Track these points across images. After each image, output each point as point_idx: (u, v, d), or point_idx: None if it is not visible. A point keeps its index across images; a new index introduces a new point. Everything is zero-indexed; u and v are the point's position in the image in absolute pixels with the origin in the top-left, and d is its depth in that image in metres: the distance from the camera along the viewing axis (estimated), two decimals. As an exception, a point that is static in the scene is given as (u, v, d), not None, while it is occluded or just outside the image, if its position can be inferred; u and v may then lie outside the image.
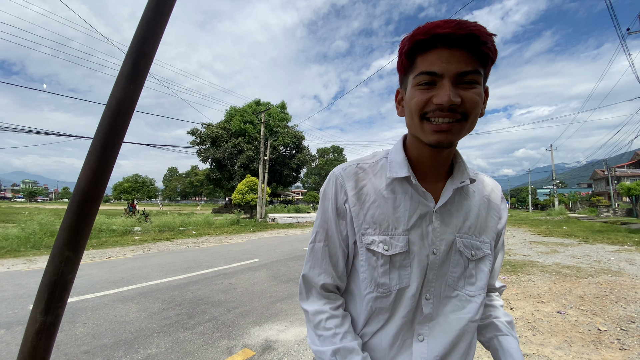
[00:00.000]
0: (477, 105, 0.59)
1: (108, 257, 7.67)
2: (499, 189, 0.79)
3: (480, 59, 0.58)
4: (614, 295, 4.50)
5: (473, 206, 0.73)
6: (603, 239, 10.99)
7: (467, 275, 0.71)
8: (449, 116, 0.58)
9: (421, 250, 0.68)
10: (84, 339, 3.11)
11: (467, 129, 0.61)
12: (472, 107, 0.58)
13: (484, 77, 0.61)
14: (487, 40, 0.56)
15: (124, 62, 0.63)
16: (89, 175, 0.60)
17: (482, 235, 0.72)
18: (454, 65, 0.57)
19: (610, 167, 45.41)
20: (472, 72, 0.57)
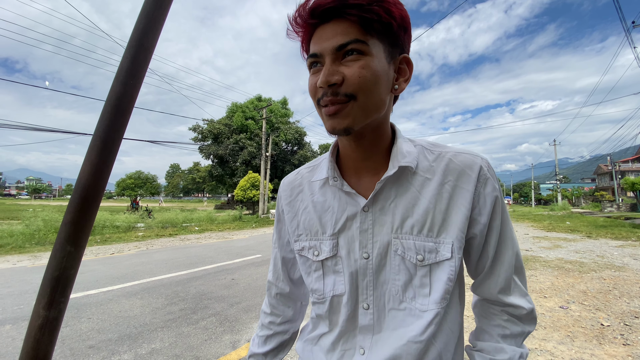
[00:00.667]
0: (365, 79, 0.50)
1: (112, 253, 7.73)
2: (475, 168, 0.58)
3: (365, 26, 0.50)
4: (618, 290, 4.48)
5: (423, 198, 0.58)
6: (607, 234, 10.95)
7: (417, 285, 0.58)
8: (333, 100, 0.51)
9: (349, 255, 0.62)
10: (89, 333, 3.15)
11: (362, 109, 0.52)
12: (357, 82, 0.50)
13: (390, 47, 0.53)
14: (365, 2, 0.48)
15: (124, 57, 0.63)
16: (90, 171, 0.60)
17: (441, 235, 0.57)
18: (329, 41, 0.51)
19: (614, 162, 45.12)
20: (351, 42, 0.49)
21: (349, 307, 0.62)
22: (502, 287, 0.61)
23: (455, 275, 0.57)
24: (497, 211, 0.60)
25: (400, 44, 0.55)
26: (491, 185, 0.58)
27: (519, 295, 0.61)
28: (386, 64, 0.53)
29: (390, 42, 0.53)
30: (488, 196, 0.58)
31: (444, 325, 0.59)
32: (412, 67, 0.57)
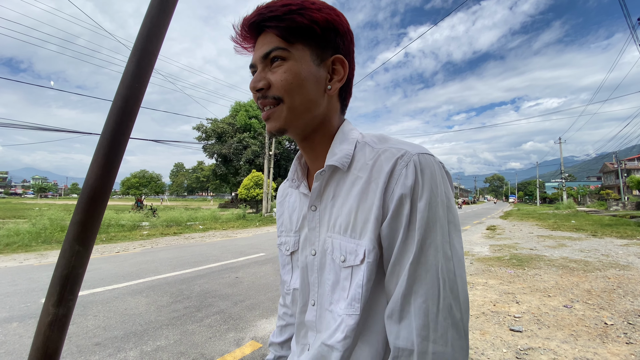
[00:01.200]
0: (288, 83, 0.54)
1: (117, 252, 7.80)
2: (390, 162, 0.52)
3: (285, 34, 0.53)
4: (622, 289, 4.46)
5: (351, 197, 0.56)
6: (612, 233, 10.86)
7: (341, 287, 0.57)
8: (264, 103, 0.57)
9: (303, 251, 0.65)
10: (95, 331, 3.19)
11: (291, 111, 0.55)
12: (281, 85, 0.54)
13: (317, 50, 0.56)
14: (281, 13, 0.52)
15: (129, 61, 0.64)
16: (97, 172, 0.62)
17: (362, 236, 0.54)
18: (258, 51, 0.56)
19: (620, 160, 44.68)
20: (273, 50, 0.54)
21: (301, 301, 0.65)
22: (399, 336, 0.48)
23: (365, 282, 0.53)
24: (399, 216, 0.50)
25: (332, 46, 0.57)
26: (402, 183, 0.50)
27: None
28: (314, 66, 0.56)
29: (317, 46, 0.56)
30: (395, 195, 0.50)
31: (364, 339, 0.54)
32: (346, 67, 0.58)
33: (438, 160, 0.53)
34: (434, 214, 0.49)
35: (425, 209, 0.48)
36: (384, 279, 0.53)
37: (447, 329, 0.47)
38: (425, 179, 0.49)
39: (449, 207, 0.50)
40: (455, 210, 0.52)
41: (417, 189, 0.49)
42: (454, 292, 0.48)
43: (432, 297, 0.47)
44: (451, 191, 0.53)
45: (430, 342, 0.46)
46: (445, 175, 0.52)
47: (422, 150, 0.52)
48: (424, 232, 0.48)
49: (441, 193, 0.50)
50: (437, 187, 0.50)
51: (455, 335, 0.47)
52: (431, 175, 0.50)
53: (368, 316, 0.54)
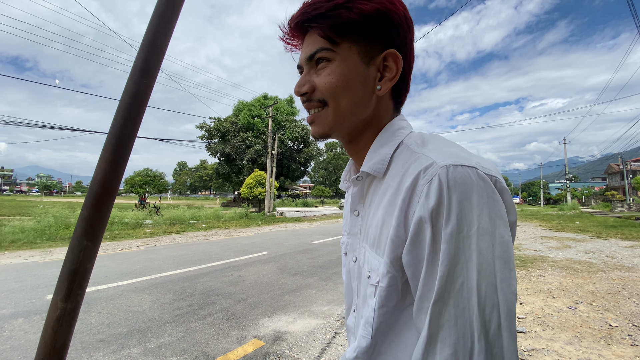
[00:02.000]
0: (331, 86, 0.50)
1: (121, 250, 7.85)
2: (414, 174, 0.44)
3: (329, 34, 0.49)
4: (627, 291, 4.42)
5: (381, 208, 0.49)
6: (617, 234, 10.77)
7: (367, 304, 0.51)
8: (309, 107, 0.54)
9: (348, 255, 0.62)
10: (99, 327, 3.21)
11: (336, 115, 0.52)
12: (325, 89, 0.51)
13: (366, 46, 0.50)
14: (325, 10, 0.48)
15: (137, 57, 0.65)
16: (105, 168, 0.62)
17: (383, 254, 0.47)
18: (304, 52, 0.53)
19: (626, 161, 44.28)
20: (317, 52, 0.51)
21: (346, 304, 0.63)
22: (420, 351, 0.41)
23: (377, 307, 0.48)
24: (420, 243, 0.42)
25: (384, 40, 0.51)
26: (422, 203, 0.41)
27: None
28: (362, 65, 0.51)
29: (366, 42, 0.50)
30: (415, 217, 0.42)
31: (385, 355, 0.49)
32: (400, 63, 0.51)
33: (485, 173, 0.41)
34: (467, 246, 0.39)
35: (452, 239, 0.39)
36: (402, 302, 0.47)
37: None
38: (453, 199, 0.39)
39: (495, 237, 0.39)
40: (507, 241, 0.39)
41: (442, 211, 0.40)
42: (493, 350, 0.37)
43: (463, 351, 0.38)
44: (501, 216, 0.40)
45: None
46: (494, 192, 0.40)
47: (456, 160, 0.41)
48: (450, 268, 0.39)
49: (481, 219, 0.39)
50: (471, 212, 0.39)
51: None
52: (464, 195, 0.39)
53: (382, 344, 0.49)
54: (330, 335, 3.11)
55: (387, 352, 0.49)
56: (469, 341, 0.38)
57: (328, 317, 3.54)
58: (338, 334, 3.14)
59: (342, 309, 3.80)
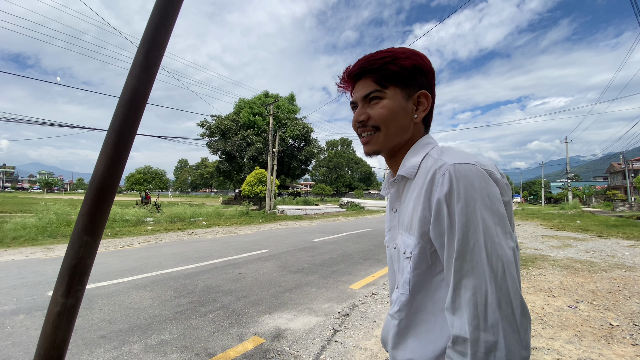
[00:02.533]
0: (384, 117, 0.70)
1: (122, 247, 7.87)
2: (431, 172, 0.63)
3: (381, 81, 0.70)
4: (628, 290, 4.42)
5: (410, 201, 0.69)
6: (618, 234, 10.75)
7: (401, 272, 0.71)
8: (364, 130, 0.73)
9: (389, 245, 0.80)
10: (100, 324, 3.22)
11: (386, 137, 0.72)
12: (379, 118, 0.70)
13: (406, 88, 0.70)
14: (378, 65, 0.69)
15: (137, 52, 0.64)
16: (106, 164, 0.62)
17: (414, 233, 0.66)
18: (359, 93, 0.73)
19: (628, 160, 44.12)
20: (372, 92, 0.71)
21: (390, 285, 0.82)
22: (449, 304, 0.58)
23: (413, 269, 0.66)
24: (440, 219, 0.59)
25: (418, 84, 0.71)
26: (439, 190, 0.59)
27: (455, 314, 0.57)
28: (404, 101, 0.71)
29: (405, 85, 0.70)
30: (434, 201, 0.60)
31: (417, 315, 0.67)
32: (429, 100, 0.72)
33: (482, 168, 0.59)
34: (473, 217, 0.55)
35: (462, 212, 0.56)
36: (432, 268, 0.64)
37: (498, 321, 0.52)
38: (460, 185, 0.57)
39: (493, 210, 0.56)
40: (502, 213, 0.57)
41: (453, 195, 0.57)
42: (502, 289, 0.53)
43: (479, 291, 0.54)
44: (498, 196, 0.58)
45: (482, 331, 0.53)
46: (489, 181, 0.58)
47: (461, 160, 0.60)
48: (464, 233, 0.56)
49: (482, 197, 0.56)
50: (474, 192, 0.56)
51: (508, 328, 0.52)
52: (467, 182, 0.57)
53: (418, 300, 0.66)
54: (330, 332, 3.12)
55: (422, 307, 0.66)
56: (483, 284, 0.54)
57: (328, 315, 3.55)
58: (338, 331, 3.15)
59: (342, 307, 3.80)
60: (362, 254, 7.24)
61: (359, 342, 2.92)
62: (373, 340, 2.95)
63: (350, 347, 2.82)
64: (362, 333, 3.12)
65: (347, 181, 71.69)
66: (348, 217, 19.96)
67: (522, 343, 0.53)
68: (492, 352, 0.52)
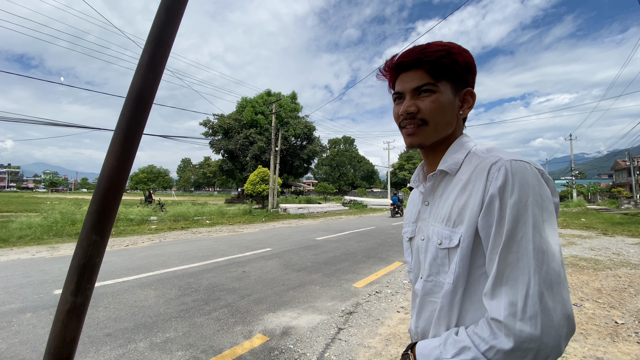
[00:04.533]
0: (434, 110, 0.70)
1: (126, 245, 7.92)
2: (487, 167, 0.63)
3: (434, 74, 0.70)
4: (633, 288, 4.39)
5: (452, 195, 0.70)
6: (623, 231, 10.67)
7: (439, 263, 0.71)
8: (411, 122, 0.72)
9: (417, 237, 0.82)
10: (105, 322, 3.25)
11: (432, 131, 0.72)
12: (429, 112, 0.70)
13: (455, 84, 0.71)
14: (434, 58, 0.69)
15: (143, 52, 0.64)
16: (113, 163, 0.62)
17: (456, 226, 0.67)
18: (409, 84, 0.72)
19: (633, 157, 43.72)
20: (425, 85, 0.70)
21: (414, 276, 0.83)
22: (489, 284, 0.59)
23: (460, 260, 0.66)
24: (491, 211, 0.60)
25: (465, 81, 0.72)
26: (493, 184, 0.60)
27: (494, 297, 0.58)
28: (452, 97, 0.71)
29: (455, 81, 0.71)
30: (488, 194, 0.61)
31: (464, 304, 0.67)
32: (474, 97, 0.74)
33: (535, 167, 0.61)
34: (524, 211, 0.56)
35: (514, 206, 0.57)
36: (477, 260, 0.65)
37: (537, 313, 0.52)
38: (515, 180, 0.58)
39: (544, 207, 0.57)
40: (551, 211, 0.58)
41: (507, 188, 0.58)
42: (546, 282, 0.54)
43: (522, 282, 0.54)
44: (549, 195, 0.60)
45: (518, 320, 0.53)
46: (541, 179, 0.60)
47: (516, 157, 0.61)
48: (513, 225, 0.56)
49: (534, 194, 0.57)
50: (528, 188, 0.58)
51: (547, 321, 0.52)
52: (522, 178, 0.58)
53: (461, 290, 0.66)
54: (334, 330, 3.13)
55: (464, 296, 0.66)
56: (526, 275, 0.54)
57: (332, 313, 3.56)
58: (342, 329, 3.15)
59: (345, 305, 3.80)
60: (365, 252, 7.24)
61: (362, 340, 2.92)
62: (377, 339, 2.95)
63: (354, 345, 2.83)
64: (366, 331, 3.12)
65: (350, 179, 71.63)
66: (351, 215, 19.95)
67: (557, 338, 0.52)
68: (525, 343, 0.52)
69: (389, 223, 14.46)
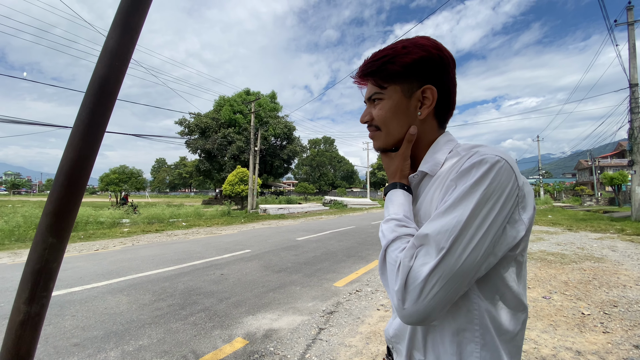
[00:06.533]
0: (382, 117, 0.71)
1: (96, 250, 7.55)
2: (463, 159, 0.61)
3: (380, 82, 0.70)
4: (597, 280, 4.65)
5: (430, 193, 0.67)
6: (586, 227, 11.32)
7: None
8: (369, 129, 0.76)
9: None
10: (73, 331, 3.07)
11: (386, 135, 0.72)
12: (378, 119, 0.72)
13: (408, 85, 0.68)
14: (376, 68, 0.69)
15: (108, 37, 0.59)
16: (73, 158, 0.57)
17: None
18: (365, 94, 0.76)
19: (594, 158, 46.59)
20: (373, 95, 0.72)
21: None
22: None
23: None
24: (448, 193, 0.58)
25: (421, 78, 0.68)
26: (456, 170, 0.58)
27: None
28: (404, 99, 0.69)
29: (407, 82, 0.68)
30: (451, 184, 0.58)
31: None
32: (434, 93, 0.68)
33: (506, 164, 0.55)
34: (470, 197, 0.53)
35: (463, 190, 0.54)
36: None
37: (418, 294, 0.52)
38: (480, 170, 0.55)
39: (495, 203, 0.53)
40: (503, 212, 0.54)
41: (464, 176, 0.56)
42: (449, 255, 0.52)
43: (434, 246, 0.53)
44: (510, 201, 0.55)
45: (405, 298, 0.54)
46: (509, 176, 0.55)
47: (491, 152, 0.57)
48: (454, 203, 0.54)
49: (492, 187, 0.54)
50: (486, 180, 0.54)
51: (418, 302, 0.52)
52: (487, 170, 0.54)
53: None
54: (315, 331, 3.10)
55: None
56: (445, 238, 0.53)
57: (313, 313, 3.53)
58: (323, 329, 3.13)
59: (326, 305, 3.79)
60: (345, 251, 7.27)
61: (343, 340, 2.91)
62: (357, 337, 2.96)
63: (335, 345, 2.81)
64: (347, 330, 3.12)
65: (330, 179, 71.96)
66: (331, 215, 20.01)
67: (416, 320, 0.54)
68: (404, 317, 0.54)
69: (368, 222, 14.61)
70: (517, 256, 0.59)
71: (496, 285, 0.59)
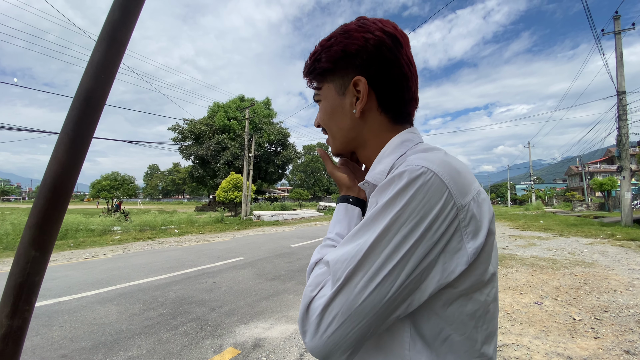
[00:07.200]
0: (322, 120, 0.65)
1: (86, 258, 7.42)
2: (389, 176, 0.49)
3: (314, 83, 0.65)
4: (588, 285, 4.70)
5: None
6: (577, 232, 11.46)
7: None
8: (324, 134, 0.69)
9: None
10: (61, 342, 3.00)
11: (334, 139, 0.65)
12: (322, 122, 0.66)
13: (340, 81, 0.60)
14: (308, 68, 0.64)
15: (94, 50, 0.60)
16: (57, 170, 0.57)
17: None
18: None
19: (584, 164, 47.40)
20: (314, 96, 0.67)
21: None
22: None
23: None
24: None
25: (351, 71, 0.58)
26: (380, 183, 0.49)
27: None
28: (338, 97, 0.61)
29: (338, 77, 0.60)
30: (371, 200, 0.50)
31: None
32: (363, 85, 0.56)
33: (435, 177, 0.44)
34: (381, 220, 0.45)
35: (376, 210, 0.46)
36: None
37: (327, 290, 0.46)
38: (397, 185, 0.45)
39: (414, 228, 0.43)
40: (427, 239, 0.43)
41: (385, 192, 0.46)
42: (348, 284, 0.44)
43: (334, 271, 0.46)
44: (440, 216, 0.44)
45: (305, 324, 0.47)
46: (438, 193, 0.44)
47: (420, 161, 0.47)
48: (365, 224, 0.47)
49: (409, 207, 0.44)
50: (401, 199, 0.44)
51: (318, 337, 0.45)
52: (404, 185, 0.44)
53: None
54: (308, 340, 3.08)
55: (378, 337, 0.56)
56: (342, 268, 0.45)
57: (306, 322, 3.50)
58: (316, 338, 3.11)
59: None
60: (339, 258, 7.24)
61: (337, 348, 2.89)
62: (351, 346, 2.94)
63: (328, 354, 2.79)
64: (340, 338, 3.09)
65: (325, 185, 71.97)
66: (326, 221, 19.98)
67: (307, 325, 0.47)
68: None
69: (362, 229, 14.62)
70: (468, 293, 0.47)
71: (438, 326, 0.47)
